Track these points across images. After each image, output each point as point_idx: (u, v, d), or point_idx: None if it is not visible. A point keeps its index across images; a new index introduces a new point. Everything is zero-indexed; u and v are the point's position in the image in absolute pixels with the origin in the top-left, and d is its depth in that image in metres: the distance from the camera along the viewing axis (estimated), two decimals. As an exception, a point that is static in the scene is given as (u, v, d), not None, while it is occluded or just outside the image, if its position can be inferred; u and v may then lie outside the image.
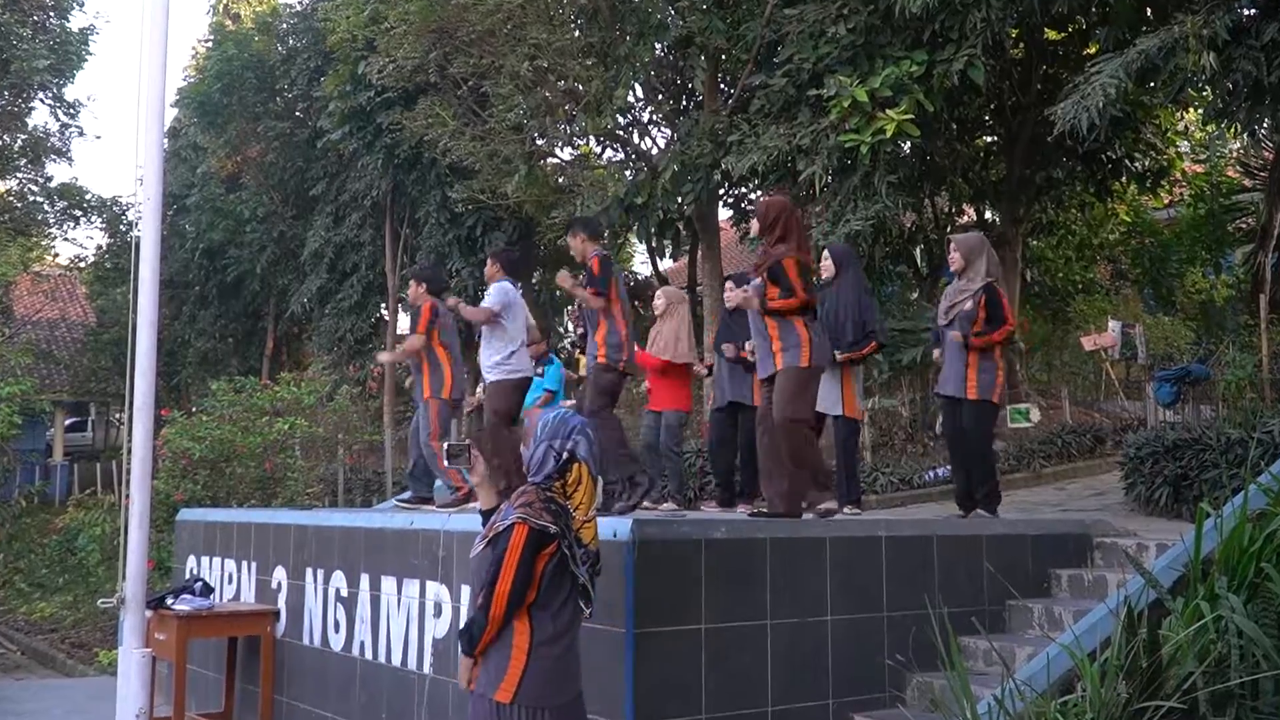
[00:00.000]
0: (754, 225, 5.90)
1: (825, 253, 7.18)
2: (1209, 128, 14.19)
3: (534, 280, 20.09)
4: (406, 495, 7.79)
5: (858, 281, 7.02)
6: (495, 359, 7.19)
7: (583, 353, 7.59)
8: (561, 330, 21.62)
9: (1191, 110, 13.89)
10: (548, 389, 8.95)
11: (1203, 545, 4.28)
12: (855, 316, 6.82)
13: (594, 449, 3.58)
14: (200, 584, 7.11)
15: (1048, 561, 5.66)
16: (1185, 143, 16.25)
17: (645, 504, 6.67)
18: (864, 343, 6.84)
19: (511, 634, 3.40)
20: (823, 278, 6.98)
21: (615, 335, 6.45)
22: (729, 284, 7.77)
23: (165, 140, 7.50)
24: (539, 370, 8.75)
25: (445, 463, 3.85)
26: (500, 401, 7.14)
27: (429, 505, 7.17)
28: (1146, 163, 14.03)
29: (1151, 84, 10.83)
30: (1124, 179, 14.17)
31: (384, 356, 9.08)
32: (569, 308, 20.50)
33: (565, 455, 3.49)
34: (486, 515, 3.72)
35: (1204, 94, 10.25)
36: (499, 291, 7.29)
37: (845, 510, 6.84)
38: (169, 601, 6.82)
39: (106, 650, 11.64)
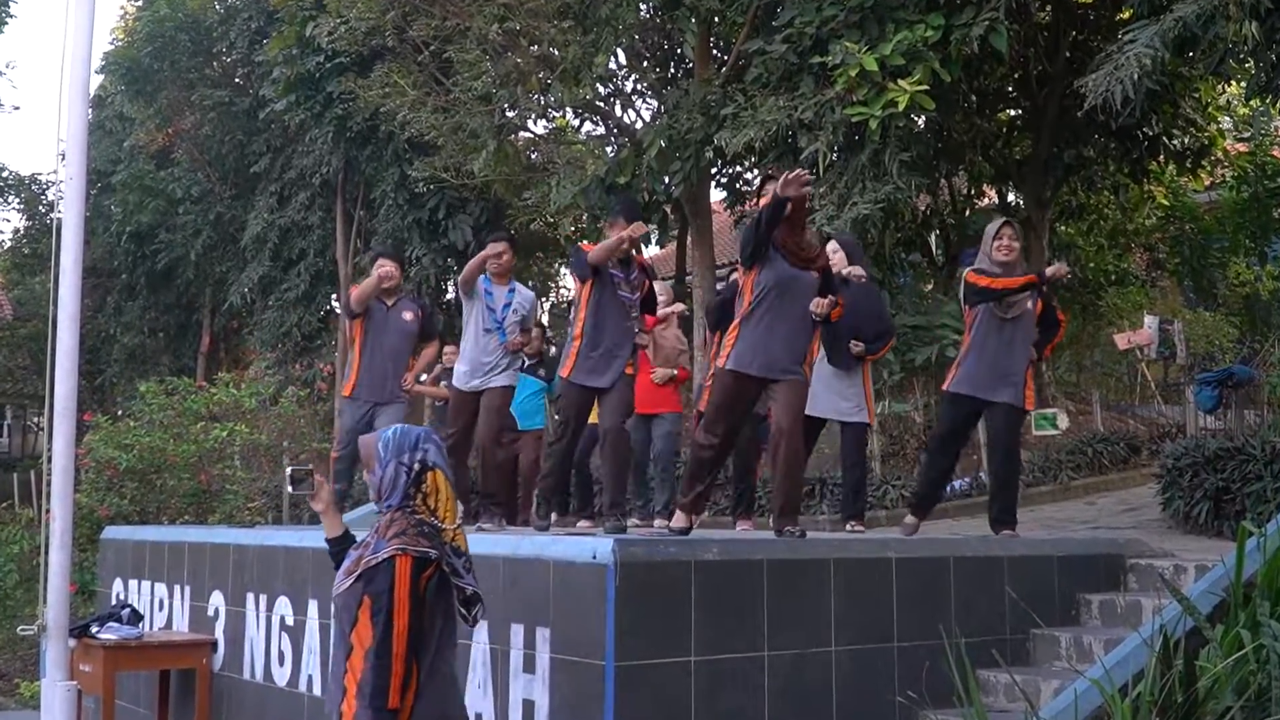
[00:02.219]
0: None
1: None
2: (1253, 103, 14.30)
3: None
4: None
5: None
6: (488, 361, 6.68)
7: None
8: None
9: (1234, 84, 13.99)
10: None
11: (1244, 567, 4.32)
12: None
13: (444, 454, 3.72)
14: (128, 610, 7.09)
15: (1076, 586, 5.69)
16: (1227, 119, 16.36)
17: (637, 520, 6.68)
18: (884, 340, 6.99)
19: None
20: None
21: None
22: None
23: (90, 110, 7.45)
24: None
25: (290, 488, 3.95)
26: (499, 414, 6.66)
27: None
28: (1186, 140, 14.13)
29: (1190, 54, 10.89)
30: (1161, 158, 14.27)
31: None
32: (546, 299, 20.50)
33: (417, 467, 3.60)
34: (332, 544, 3.89)
35: (1246, 66, 10.32)
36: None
37: (848, 527, 6.88)
38: (94, 629, 6.81)
39: (28, 681, 11.63)
